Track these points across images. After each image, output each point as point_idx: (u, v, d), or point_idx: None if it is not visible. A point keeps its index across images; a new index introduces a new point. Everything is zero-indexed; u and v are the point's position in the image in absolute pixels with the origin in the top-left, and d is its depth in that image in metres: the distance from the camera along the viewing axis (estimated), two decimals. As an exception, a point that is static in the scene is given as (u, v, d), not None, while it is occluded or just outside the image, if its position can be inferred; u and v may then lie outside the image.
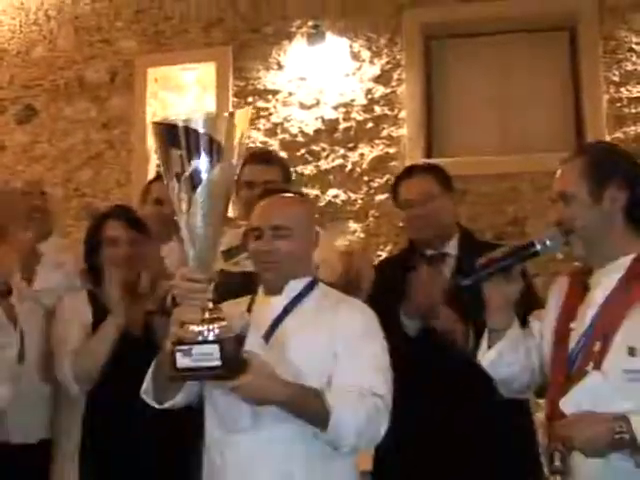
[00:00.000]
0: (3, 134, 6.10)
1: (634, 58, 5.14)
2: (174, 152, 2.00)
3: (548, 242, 2.20)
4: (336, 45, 5.40)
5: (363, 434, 2.20)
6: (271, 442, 2.26)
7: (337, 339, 2.30)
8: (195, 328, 2.06)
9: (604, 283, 2.17)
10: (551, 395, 2.18)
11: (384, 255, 5.21)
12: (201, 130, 1.98)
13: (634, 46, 5.15)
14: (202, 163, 1.99)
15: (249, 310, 2.41)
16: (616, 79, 5.14)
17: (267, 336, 2.34)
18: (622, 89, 5.13)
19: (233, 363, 2.06)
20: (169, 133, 2.01)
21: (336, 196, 5.36)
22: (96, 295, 3.09)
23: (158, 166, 3.23)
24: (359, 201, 5.33)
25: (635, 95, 5.13)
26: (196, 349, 2.04)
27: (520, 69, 5.32)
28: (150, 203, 3.66)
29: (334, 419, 2.15)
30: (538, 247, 2.20)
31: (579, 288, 2.25)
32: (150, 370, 2.35)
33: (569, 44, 5.30)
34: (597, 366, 2.06)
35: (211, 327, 2.06)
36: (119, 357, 2.90)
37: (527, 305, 2.45)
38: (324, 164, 5.40)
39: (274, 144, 5.45)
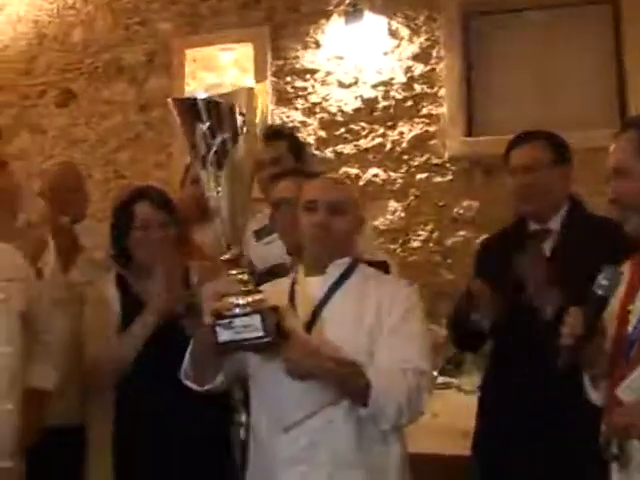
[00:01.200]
0: (43, 117, 6.14)
1: (678, 31, 5.06)
2: (198, 127, 2.03)
3: (604, 282, 2.09)
4: (374, 23, 5.35)
5: (404, 409, 2.20)
6: (324, 428, 2.26)
7: (381, 317, 2.31)
8: (234, 300, 2.07)
9: None
10: (610, 381, 2.14)
11: (424, 235, 5.21)
12: (223, 103, 2.01)
13: (678, 18, 5.07)
14: (226, 136, 2.03)
15: (292, 291, 2.42)
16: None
17: (314, 316, 2.34)
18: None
19: (276, 333, 2.07)
20: (191, 108, 2.04)
21: (376, 175, 5.34)
22: (125, 279, 3.00)
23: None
24: (399, 180, 5.30)
25: (679, 69, 5.06)
26: (237, 321, 2.05)
27: (562, 45, 5.23)
28: (190, 182, 3.63)
29: (375, 393, 2.16)
30: (599, 292, 2.09)
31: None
32: (188, 351, 2.34)
33: (612, 18, 5.21)
34: None
35: (250, 299, 2.08)
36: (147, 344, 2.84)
37: None
38: (364, 143, 5.37)
39: (313, 123, 5.44)
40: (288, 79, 5.54)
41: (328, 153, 5.36)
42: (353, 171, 5.34)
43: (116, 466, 2.84)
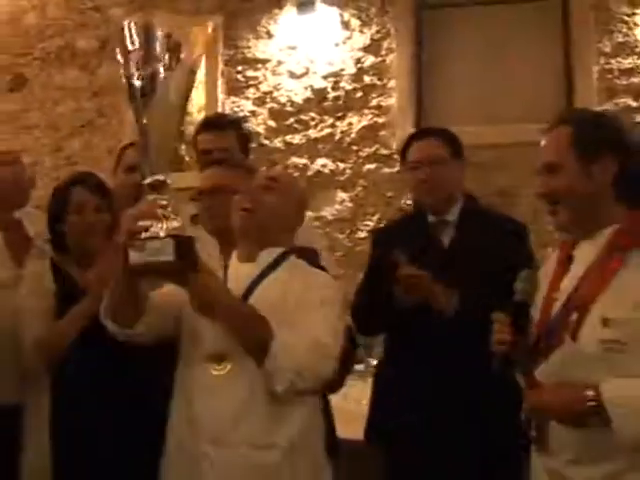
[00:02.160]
0: (-5, 102, 6.11)
1: (625, 29, 5.11)
2: (134, 53, 2.08)
3: (521, 287, 2.20)
4: (326, 14, 5.38)
5: (302, 373, 2.20)
6: (235, 375, 2.28)
7: (299, 304, 2.33)
8: (148, 223, 2.07)
9: (586, 254, 2.14)
10: (531, 364, 2.18)
11: (371, 225, 5.23)
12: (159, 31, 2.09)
13: (625, 17, 5.12)
14: (160, 64, 2.08)
15: (224, 273, 2.43)
16: (607, 50, 5.12)
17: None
18: (613, 60, 5.11)
19: (186, 259, 2.06)
20: (129, 33, 2.11)
21: (324, 165, 5.36)
22: (59, 264, 2.99)
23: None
24: (347, 171, 5.32)
25: (626, 67, 5.11)
26: (150, 244, 2.04)
27: (512, 39, 5.29)
28: (123, 170, 3.59)
29: (275, 346, 2.17)
30: (519, 297, 2.20)
31: (565, 259, 2.22)
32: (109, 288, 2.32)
33: (561, 14, 5.26)
34: (573, 336, 2.05)
35: (166, 225, 2.07)
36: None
37: None
38: (313, 133, 5.39)
39: (263, 113, 5.45)
40: (239, 68, 5.55)
41: (277, 143, 5.36)
42: (302, 161, 5.35)
43: (53, 447, 2.82)
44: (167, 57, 2.09)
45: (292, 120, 5.40)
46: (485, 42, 5.31)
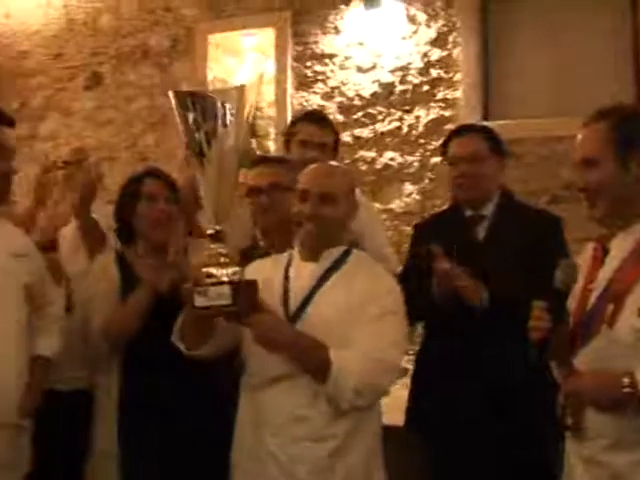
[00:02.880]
0: (73, 100, 6.32)
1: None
2: (190, 116, 2.28)
3: (561, 276, 2.24)
4: (392, 9, 5.42)
5: (362, 392, 2.32)
6: (293, 389, 2.40)
7: (364, 306, 2.42)
8: (211, 271, 2.29)
9: (622, 246, 2.21)
10: (569, 354, 2.23)
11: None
12: (214, 97, 2.27)
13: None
14: (211, 125, 2.28)
15: (286, 273, 2.55)
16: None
17: (305, 301, 2.47)
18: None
19: (244, 303, 2.26)
20: (183, 100, 2.30)
21: (392, 159, 5.42)
22: (124, 255, 3.10)
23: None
24: (415, 164, 5.38)
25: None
26: (212, 289, 2.25)
27: (578, 27, 5.22)
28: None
29: (333, 373, 2.29)
30: (558, 286, 2.24)
31: (601, 252, 2.29)
32: (179, 317, 2.50)
33: (630, 6, 5.21)
34: (610, 326, 2.12)
35: (225, 270, 2.29)
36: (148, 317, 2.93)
37: None
38: (380, 127, 5.45)
39: (331, 107, 5.52)
40: (308, 64, 5.64)
41: (346, 137, 5.44)
42: (370, 154, 5.43)
43: (120, 430, 2.96)
44: (221, 117, 2.27)
45: (360, 114, 5.47)
46: (552, 32, 5.28)
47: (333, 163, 2.81)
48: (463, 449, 2.94)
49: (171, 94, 2.34)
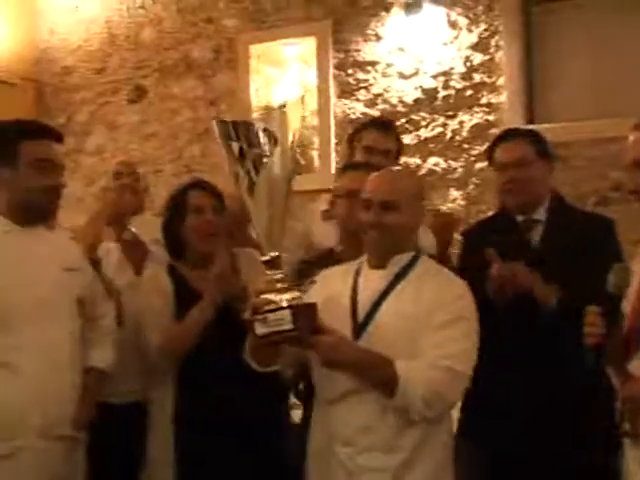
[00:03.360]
0: (117, 114, 6.39)
1: None
2: (234, 145, 2.29)
3: (615, 280, 2.21)
4: (433, 14, 5.41)
5: (431, 403, 2.31)
6: (361, 403, 2.40)
7: (432, 313, 2.40)
8: (268, 297, 2.28)
9: None
10: (625, 359, 2.22)
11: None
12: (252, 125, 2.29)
13: None
14: (257, 152, 2.29)
15: (355, 282, 2.55)
16: None
17: (372, 310, 2.47)
18: None
19: (304, 326, 2.25)
20: (226, 130, 2.31)
21: (436, 164, 5.40)
22: (175, 268, 3.10)
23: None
24: (459, 169, 5.35)
25: None
26: (271, 316, 2.24)
27: (622, 31, 5.16)
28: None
29: (401, 386, 2.27)
30: (612, 291, 2.21)
31: None
32: (248, 338, 2.48)
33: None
34: None
35: (283, 296, 2.27)
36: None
37: None
38: (424, 133, 5.43)
39: (375, 114, 5.52)
40: (350, 71, 5.64)
41: (390, 144, 5.43)
42: (414, 161, 5.41)
43: (176, 444, 2.97)
44: (266, 145, 2.29)
45: (403, 120, 5.44)
46: (595, 35, 5.22)
47: (398, 168, 2.80)
48: (520, 458, 2.90)
49: (214, 124, 2.36)
